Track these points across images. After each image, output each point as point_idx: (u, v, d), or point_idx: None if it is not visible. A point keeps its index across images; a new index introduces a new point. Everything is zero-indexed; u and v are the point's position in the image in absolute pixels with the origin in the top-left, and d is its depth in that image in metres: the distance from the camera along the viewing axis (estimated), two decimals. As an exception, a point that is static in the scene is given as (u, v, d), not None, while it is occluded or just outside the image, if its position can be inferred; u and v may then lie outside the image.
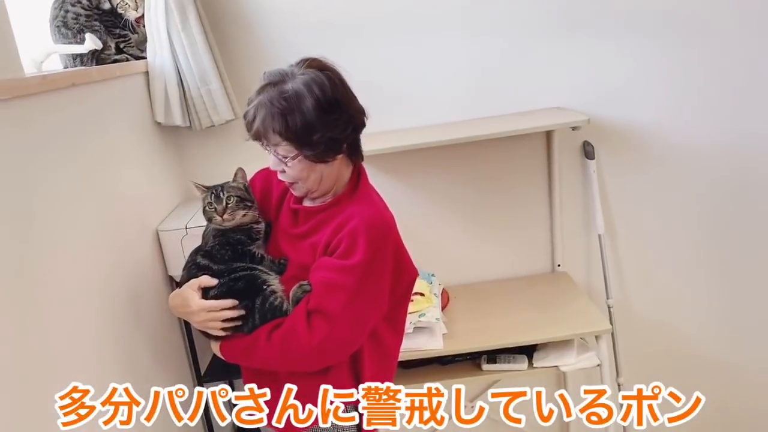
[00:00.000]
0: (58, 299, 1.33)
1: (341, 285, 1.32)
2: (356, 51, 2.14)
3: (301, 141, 1.32)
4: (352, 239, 1.32)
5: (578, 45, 2.15)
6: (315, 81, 1.29)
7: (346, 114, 1.33)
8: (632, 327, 2.40)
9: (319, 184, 1.40)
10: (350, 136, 1.37)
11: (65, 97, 1.46)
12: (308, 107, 1.28)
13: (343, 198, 1.42)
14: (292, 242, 1.48)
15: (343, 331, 1.33)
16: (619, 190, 2.29)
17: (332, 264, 1.34)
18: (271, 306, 1.37)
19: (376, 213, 1.39)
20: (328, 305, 1.32)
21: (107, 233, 1.59)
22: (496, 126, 2.04)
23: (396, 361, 1.57)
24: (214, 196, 1.47)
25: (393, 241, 1.39)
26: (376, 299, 1.36)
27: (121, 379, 1.54)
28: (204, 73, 1.97)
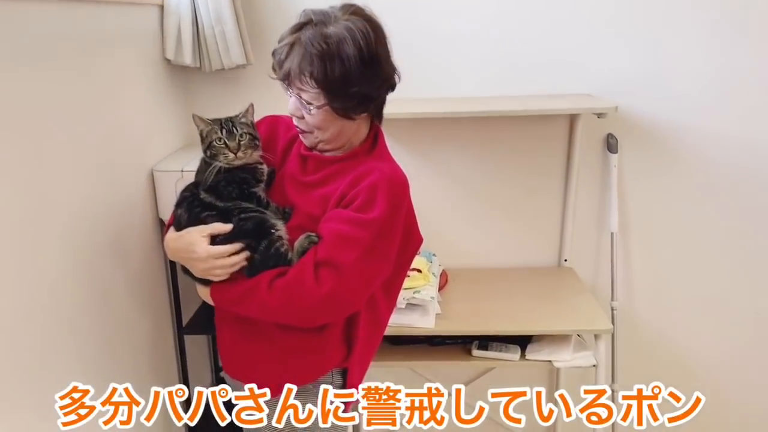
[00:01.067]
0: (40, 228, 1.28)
1: (356, 238, 1.24)
2: (392, 7, 2.04)
3: (335, 91, 1.23)
4: (372, 193, 1.25)
5: (615, 34, 2.04)
6: (360, 30, 1.21)
7: (384, 71, 1.27)
8: (634, 333, 2.30)
9: (336, 137, 1.32)
10: (383, 95, 1.32)
11: (63, 9, 1.37)
12: (350, 56, 1.20)
13: (361, 153, 1.35)
14: (299, 190, 1.39)
15: (351, 286, 1.25)
16: (638, 189, 2.18)
17: (348, 216, 1.26)
18: (276, 252, 1.28)
19: (397, 171, 1.33)
20: (340, 257, 1.24)
21: (98, 165, 1.52)
22: (518, 104, 1.95)
23: (383, 332, 1.49)
24: (226, 131, 1.34)
25: (408, 203, 1.34)
26: (386, 258, 1.30)
27: (98, 320, 1.51)
28: (220, 13, 1.89)
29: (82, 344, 1.44)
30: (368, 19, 1.26)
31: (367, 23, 1.23)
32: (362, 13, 1.26)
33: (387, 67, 1.28)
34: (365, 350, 1.42)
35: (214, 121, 1.38)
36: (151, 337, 1.82)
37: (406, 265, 1.42)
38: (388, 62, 1.28)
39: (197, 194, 1.36)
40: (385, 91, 1.31)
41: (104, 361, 1.53)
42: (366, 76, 1.23)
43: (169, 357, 1.98)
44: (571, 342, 1.89)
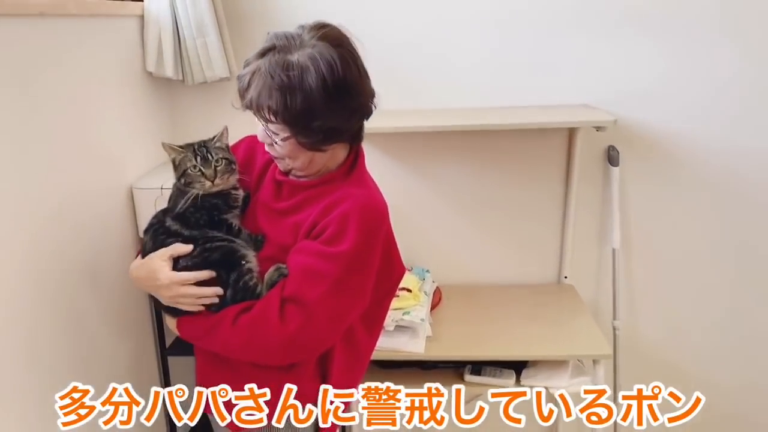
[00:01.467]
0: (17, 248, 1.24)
1: (324, 273, 1.15)
2: (378, 18, 1.97)
3: (298, 126, 1.15)
4: (343, 224, 1.16)
5: (611, 41, 1.95)
6: (326, 58, 1.10)
7: (354, 101, 1.16)
8: (637, 352, 2.21)
9: (308, 165, 1.24)
10: (354, 126, 1.21)
11: (32, 26, 1.32)
12: (312, 89, 1.10)
13: (337, 177, 1.25)
14: (272, 218, 1.31)
15: (318, 324, 1.17)
16: (641, 203, 2.08)
17: (316, 249, 1.17)
18: (245, 285, 1.20)
19: (372, 198, 1.23)
20: (306, 294, 1.16)
21: (75, 182, 1.47)
22: (515, 117, 1.87)
23: (366, 365, 1.40)
24: (201, 158, 1.27)
25: (385, 232, 1.24)
26: (358, 293, 1.21)
27: (74, 345, 1.46)
28: (201, 23, 1.82)
29: (57, 372, 1.38)
30: (337, 43, 1.14)
31: (336, 49, 1.12)
32: (332, 36, 1.15)
33: (358, 96, 1.17)
34: (343, 383, 1.33)
35: (186, 147, 1.30)
36: (132, 361, 1.76)
37: (388, 296, 1.34)
38: (359, 91, 1.17)
39: (164, 221, 1.29)
40: (356, 122, 1.21)
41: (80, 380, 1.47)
42: (331, 109, 1.13)
43: (152, 379, 1.92)
44: (568, 367, 1.80)
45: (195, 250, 1.23)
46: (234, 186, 1.34)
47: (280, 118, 1.14)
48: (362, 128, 1.26)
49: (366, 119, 1.24)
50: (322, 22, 1.17)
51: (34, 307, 1.31)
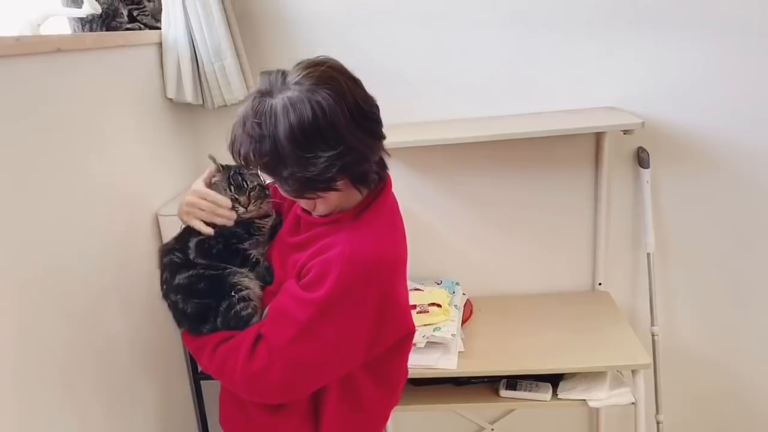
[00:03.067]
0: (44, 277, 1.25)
1: (292, 318, 1.11)
2: (394, 33, 1.94)
3: (271, 173, 1.12)
4: (323, 269, 1.10)
5: (636, 41, 1.89)
6: (296, 103, 1.04)
7: (332, 150, 1.06)
8: (678, 359, 2.14)
9: (314, 207, 1.20)
10: (338, 175, 1.10)
11: (51, 64, 1.33)
12: (280, 136, 1.04)
13: (345, 219, 1.18)
14: (283, 252, 1.29)
15: (280, 369, 1.12)
16: (674, 205, 2.02)
17: (293, 291, 1.15)
18: (236, 315, 1.20)
19: (368, 247, 1.13)
20: (275, 336, 1.14)
21: (101, 212, 1.48)
22: (539, 124, 1.83)
23: (380, 419, 1.35)
24: (235, 187, 1.27)
25: (380, 284, 1.13)
26: (335, 348, 1.13)
27: (102, 378, 1.46)
28: (218, 47, 1.82)
29: (89, 400, 1.38)
30: (319, 82, 1.06)
31: (318, 92, 1.04)
32: (318, 76, 1.07)
33: (341, 143, 1.06)
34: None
35: (224, 169, 1.32)
36: (165, 385, 1.76)
37: (396, 353, 1.25)
38: (340, 137, 1.06)
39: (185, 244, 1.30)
40: (341, 170, 1.09)
41: (115, 415, 1.48)
42: (300, 159, 1.06)
43: (186, 404, 1.92)
44: (607, 378, 1.75)
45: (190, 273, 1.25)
46: (265, 214, 1.34)
47: (253, 165, 1.12)
48: (366, 173, 1.15)
49: (363, 164, 1.13)
50: (318, 59, 1.11)
51: (64, 335, 1.31)
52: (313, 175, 1.08)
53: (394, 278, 1.17)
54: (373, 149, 1.14)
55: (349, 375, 1.21)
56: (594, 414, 2.23)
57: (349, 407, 1.24)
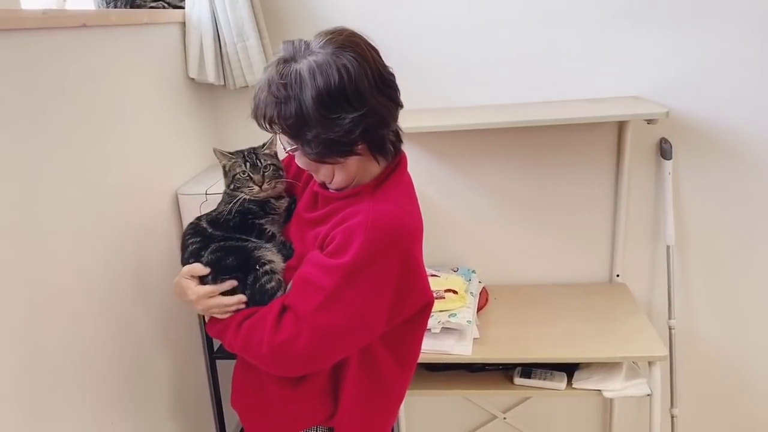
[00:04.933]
0: (64, 254, 1.26)
1: (318, 285, 1.12)
2: (418, 18, 1.94)
3: (296, 136, 1.13)
4: (348, 236, 1.11)
5: (661, 29, 1.86)
6: (323, 66, 1.07)
7: (355, 112, 1.09)
8: (694, 353, 2.12)
9: (332, 178, 1.20)
10: (361, 138, 1.12)
11: (76, 38, 1.33)
12: (306, 98, 1.07)
13: (364, 191, 1.19)
14: (301, 228, 1.30)
15: (307, 337, 1.12)
16: (696, 198, 1.99)
17: (318, 260, 1.15)
18: (261, 288, 1.21)
19: (390, 213, 1.14)
20: (301, 305, 1.14)
21: (122, 189, 1.49)
22: (561, 111, 1.81)
23: (396, 398, 1.35)
24: (250, 164, 1.31)
25: (403, 250, 1.14)
26: (360, 313, 1.13)
27: (128, 349, 1.49)
28: (241, 27, 1.82)
29: (107, 374, 1.40)
30: (343, 47, 1.09)
31: (341, 56, 1.07)
32: (342, 41, 1.10)
33: (364, 105, 1.09)
34: (360, 413, 1.28)
35: (236, 154, 1.35)
36: (182, 363, 1.78)
37: (414, 326, 1.25)
38: (367, 99, 1.10)
39: (200, 222, 1.33)
40: (363, 134, 1.11)
41: (133, 389, 1.51)
42: (326, 120, 1.08)
43: (201, 382, 1.93)
44: (622, 369, 1.74)
45: (211, 248, 1.26)
46: (279, 195, 1.35)
47: (278, 127, 1.14)
48: (383, 141, 1.17)
49: (381, 130, 1.15)
50: (338, 28, 1.14)
51: (84, 310, 1.33)
52: (336, 137, 1.10)
53: (415, 246, 1.18)
54: (392, 114, 1.17)
55: (369, 349, 1.22)
56: (607, 406, 2.22)
57: (367, 383, 1.25)
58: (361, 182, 1.22)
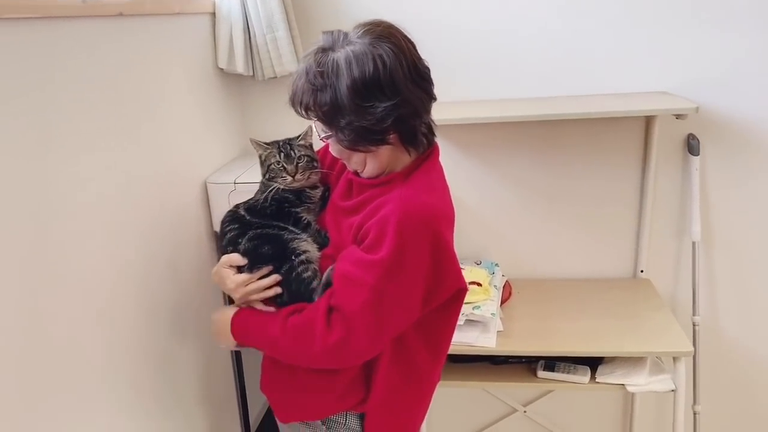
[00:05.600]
0: (99, 240, 1.28)
1: (361, 282, 1.14)
2: (446, 11, 1.94)
3: (330, 123, 1.16)
4: (381, 229, 1.13)
5: (689, 23, 1.85)
6: (360, 56, 1.10)
7: (389, 101, 1.11)
8: (718, 350, 2.11)
9: (364, 167, 1.23)
10: (394, 127, 1.15)
11: (111, 28, 1.35)
12: (342, 87, 1.10)
13: (397, 179, 1.21)
14: (336, 216, 1.32)
15: (359, 335, 1.16)
16: (723, 194, 1.98)
17: (356, 256, 1.17)
18: (298, 277, 1.24)
19: (419, 201, 1.16)
20: (347, 304, 1.16)
21: (151, 178, 1.51)
22: (588, 105, 1.80)
23: (428, 387, 1.38)
24: (284, 155, 1.34)
25: (433, 238, 1.16)
26: (402, 302, 1.17)
27: (155, 335, 1.50)
28: (271, 19, 1.83)
29: (137, 359, 1.42)
30: (380, 38, 1.11)
31: (375, 45, 1.10)
32: (378, 32, 1.12)
33: (397, 95, 1.11)
34: (391, 399, 1.30)
35: (271, 144, 1.38)
36: (207, 351, 1.80)
37: (446, 312, 1.28)
38: (400, 89, 1.12)
39: (237, 211, 1.35)
40: (395, 123, 1.13)
41: (161, 374, 1.53)
42: (359, 108, 1.11)
43: (226, 369, 1.96)
44: (646, 364, 1.73)
45: (248, 236, 1.29)
46: (314, 185, 1.38)
47: (313, 114, 1.17)
48: (416, 131, 1.19)
49: (413, 121, 1.17)
50: (376, 20, 1.16)
51: (117, 292, 1.35)
52: (368, 125, 1.12)
53: (445, 230, 1.20)
54: (425, 106, 1.19)
55: (401, 337, 1.23)
56: (628, 403, 2.22)
57: (399, 370, 1.27)
58: (393, 170, 1.23)
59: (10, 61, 1.05)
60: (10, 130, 1.04)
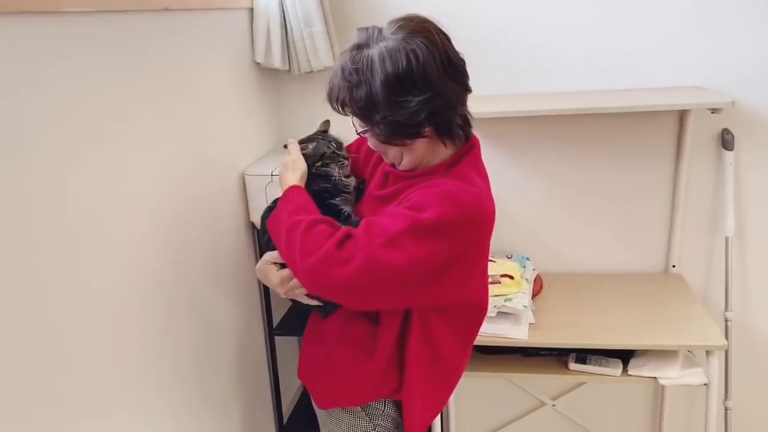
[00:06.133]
0: (140, 226, 1.32)
1: (384, 227, 1.13)
2: (480, 4, 1.96)
3: (365, 118, 1.19)
4: (425, 199, 1.14)
5: (724, 16, 1.85)
6: (393, 51, 1.12)
7: (422, 95, 1.13)
8: (751, 346, 2.10)
9: (401, 159, 1.25)
10: (428, 121, 1.16)
11: (157, 21, 1.39)
12: (376, 83, 1.13)
13: (437, 170, 1.23)
14: (373, 205, 1.35)
15: (353, 265, 1.13)
16: (757, 189, 1.98)
17: (391, 210, 1.19)
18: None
19: (470, 192, 1.17)
20: (363, 237, 1.14)
21: (192, 169, 1.54)
22: (621, 99, 1.81)
23: (455, 375, 1.40)
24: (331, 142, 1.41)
25: (473, 238, 1.18)
26: (407, 269, 1.13)
27: (193, 320, 1.54)
28: (308, 14, 1.87)
29: (177, 345, 1.47)
30: (414, 32, 1.13)
31: (411, 41, 1.12)
32: (412, 27, 1.14)
33: (430, 89, 1.13)
34: (423, 384, 1.32)
35: (314, 137, 1.44)
36: (243, 337, 1.85)
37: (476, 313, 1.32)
38: (434, 83, 1.13)
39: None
40: (428, 117, 1.15)
41: (198, 360, 1.56)
42: (393, 102, 1.13)
43: (260, 357, 2.00)
44: (679, 357, 1.74)
45: None
46: (348, 174, 1.41)
47: (349, 110, 1.20)
48: (451, 124, 1.20)
49: (446, 113, 1.18)
50: (409, 15, 1.18)
51: (165, 279, 1.40)
52: (403, 119, 1.15)
53: (486, 237, 1.22)
54: (459, 98, 1.20)
55: (430, 328, 1.26)
56: (658, 398, 2.22)
57: (429, 357, 1.29)
58: (432, 163, 1.25)
59: (72, 53, 1.10)
60: (69, 118, 1.09)
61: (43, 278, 1.03)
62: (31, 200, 1.01)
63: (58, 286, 1.07)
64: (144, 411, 1.32)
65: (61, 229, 1.08)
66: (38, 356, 1.02)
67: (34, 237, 1.02)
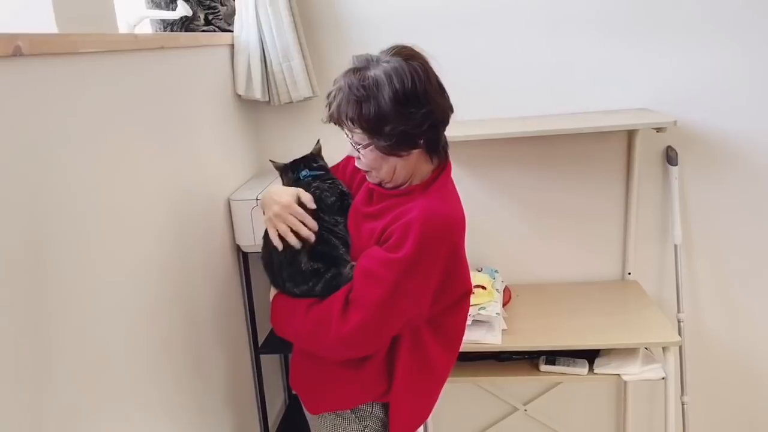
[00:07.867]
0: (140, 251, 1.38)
1: (381, 279, 1.28)
2: (439, 37, 2.13)
3: (373, 130, 1.30)
4: (404, 232, 1.28)
5: (666, 43, 2.06)
6: (397, 70, 1.26)
7: (425, 108, 1.28)
8: (702, 345, 2.29)
9: (392, 175, 1.37)
10: (427, 132, 1.31)
11: (154, 59, 1.50)
12: (385, 97, 1.25)
13: (417, 189, 1.37)
14: (357, 222, 1.46)
15: (373, 325, 1.30)
16: (700, 200, 2.18)
17: (379, 255, 1.31)
18: (336, 287, 1.36)
19: (440, 209, 1.32)
20: (364, 296, 1.30)
21: (180, 195, 1.62)
22: (575, 122, 1.99)
23: (441, 378, 1.52)
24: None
25: (451, 243, 1.32)
26: (414, 299, 1.31)
27: (181, 344, 1.60)
28: (287, 49, 2.00)
29: (174, 363, 1.54)
30: (411, 57, 1.29)
31: (408, 62, 1.27)
32: (406, 53, 1.30)
33: (429, 103, 1.28)
34: (411, 390, 1.44)
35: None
36: (231, 356, 1.92)
37: (455, 310, 1.43)
38: (431, 98, 1.29)
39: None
40: (429, 128, 1.30)
41: (193, 378, 1.64)
42: (402, 114, 1.26)
43: (247, 375, 2.08)
44: (639, 355, 1.90)
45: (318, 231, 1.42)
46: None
47: (357, 125, 1.30)
48: (440, 139, 1.36)
49: (440, 128, 1.35)
50: (399, 45, 1.33)
51: (164, 299, 1.48)
52: (408, 129, 1.28)
53: (460, 239, 1.36)
54: (448, 115, 1.36)
55: (417, 335, 1.38)
56: (621, 398, 2.38)
57: (416, 363, 1.41)
58: (413, 183, 1.39)
59: (81, 92, 1.20)
60: (75, 148, 1.18)
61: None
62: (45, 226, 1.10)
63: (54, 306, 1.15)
64: (150, 421, 1.40)
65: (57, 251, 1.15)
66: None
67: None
